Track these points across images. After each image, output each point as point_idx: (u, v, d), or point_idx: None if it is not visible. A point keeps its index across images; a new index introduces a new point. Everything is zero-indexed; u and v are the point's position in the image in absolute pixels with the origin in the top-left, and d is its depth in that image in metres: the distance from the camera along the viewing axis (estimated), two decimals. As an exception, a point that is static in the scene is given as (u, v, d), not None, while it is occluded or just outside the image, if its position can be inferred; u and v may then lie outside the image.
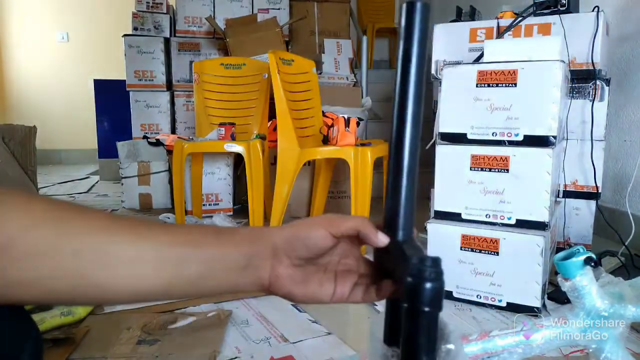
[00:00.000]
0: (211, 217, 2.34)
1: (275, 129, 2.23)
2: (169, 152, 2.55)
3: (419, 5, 0.42)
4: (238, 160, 2.65)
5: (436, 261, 0.39)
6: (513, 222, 1.37)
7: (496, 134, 1.38)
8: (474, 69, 1.39)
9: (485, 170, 1.40)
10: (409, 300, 0.37)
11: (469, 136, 1.41)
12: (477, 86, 1.39)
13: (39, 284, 0.41)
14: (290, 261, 0.48)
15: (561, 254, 0.84)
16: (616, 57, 2.10)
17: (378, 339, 0.45)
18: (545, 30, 1.74)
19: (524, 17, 1.77)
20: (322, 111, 2.36)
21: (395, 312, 0.44)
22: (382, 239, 0.46)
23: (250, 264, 0.47)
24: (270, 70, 2.03)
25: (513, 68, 1.34)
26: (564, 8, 1.71)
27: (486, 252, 1.39)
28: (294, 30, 3.32)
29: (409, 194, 0.44)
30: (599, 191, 1.78)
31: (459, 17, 2.17)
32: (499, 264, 1.37)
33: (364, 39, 3.12)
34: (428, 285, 0.37)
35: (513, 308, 1.35)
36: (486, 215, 1.40)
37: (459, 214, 1.44)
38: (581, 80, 1.75)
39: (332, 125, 2.07)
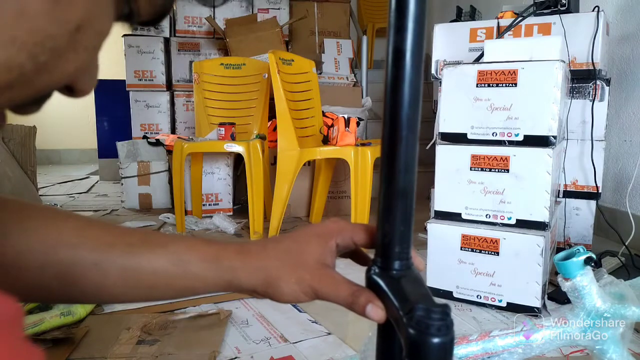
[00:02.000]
0: (211, 217, 2.34)
1: (275, 129, 2.23)
2: (169, 152, 2.55)
3: None
4: (238, 160, 2.65)
5: (445, 311, 0.32)
6: (513, 222, 1.37)
7: (496, 134, 1.37)
8: (474, 69, 1.39)
9: (485, 170, 1.40)
10: (412, 357, 0.32)
11: (469, 136, 1.41)
12: (477, 86, 1.39)
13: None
14: None
15: (561, 254, 0.83)
16: (616, 57, 2.10)
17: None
18: (545, 30, 1.74)
19: (524, 17, 1.77)
20: (322, 111, 2.36)
21: (388, 342, 0.39)
22: (373, 316, 0.39)
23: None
24: (270, 70, 2.03)
25: (513, 68, 1.34)
26: (564, 8, 1.71)
27: (486, 252, 1.39)
28: (294, 30, 3.32)
29: (406, 217, 0.37)
30: (599, 191, 1.78)
31: (459, 17, 2.17)
32: (499, 264, 1.37)
33: (364, 39, 3.12)
34: (436, 340, 0.31)
35: (513, 308, 1.35)
36: (486, 215, 1.40)
37: (459, 214, 1.44)
38: (581, 80, 1.75)
39: (332, 125, 2.07)
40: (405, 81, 0.34)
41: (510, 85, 1.34)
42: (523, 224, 1.36)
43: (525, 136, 1.34)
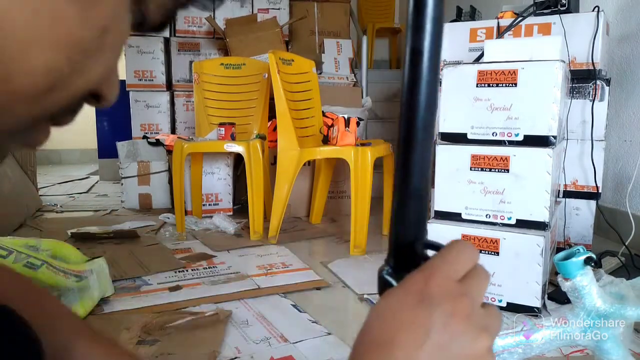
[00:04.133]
0: (211, 217, 2.34)
1: (275, 129, 2.23)
2: (169, 152, 2.55)
3: None
4: (238, 160, 2.65)
5: None
6: (513, 222, 1.37)
7: (496, 134, 1.37)
8: (474, 69, 1.39)
9: (485, 170, 1.39)
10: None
11: (469, 136, 1.41)
12: (477, 86, 1.39)
13: None
14: None
15: (561, 254, 0.83)
16: (616, 57, 2.10)
17: None
18: (545, 30, 1.74)
19: (524, 17, 1.77)
20: (322, 111, 2.36)
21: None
22: None
23: None
24: (270, 70, 2.03)
25: (513, 68, 1.34)
26: (564, 8, 1.71)
27: (486, 252, 1.39)
28: (294, 30, 3.32)
29: (419, 218, 0.37)
30: (599, 191, 1.78)
31: (459, 17, 2.17)
32: (499, 264, 1.37)
33: (364, 39, 3.12)
34: None
35: (513, 308, 1.35)
36: (486, 215, 1.40)
37: (459, 214, 1.44)
38: (581, 80, 1.75)
39: (332, 125, 2.07)
40: (422, 83, 0.34)
41: (510, 85, 1.34)
42: (523, 224, 1.36)
43: (525, 136, 1.34)
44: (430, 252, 0.38)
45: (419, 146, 0.36)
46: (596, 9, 1.69)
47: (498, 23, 1.86)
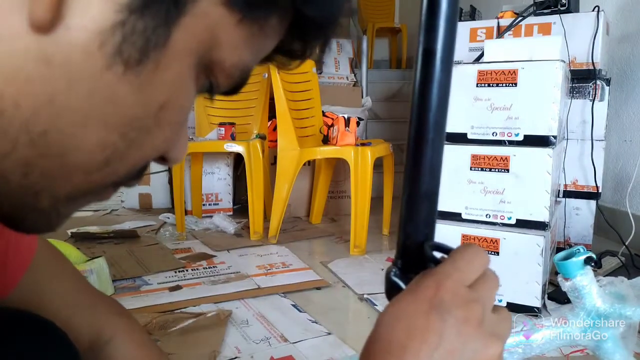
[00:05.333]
0: (211, 217, 2.34)
1: (275, 129, 2.23)
2: (169, 152, 2.55)
3: None
4: (238, 160, 2.65)
5: None
6: (513, 222, 1.37)
7: (496, 134, 1.37)
8: (474, 69, 1.39)
9: (485, 170, 1.39)
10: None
11: (469, 136, 1.41)
12: (477, 86, 1.39)
13: None
14: None
15: (561, 254, 0.84)
16: (616, 57, 2.10)
17: None
18: (545, 30, 1.74)
19: (524, 17, 1.77)
20: (322, 111, 2.36)
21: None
22: None
23: None
24: (270, 70, 2.04)
25: (513, 68, 1.34)
26: (564, 8, 1.71)
27: (486, 252, 1.38)
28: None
29: (429, 219, 0.38)
30: (599, 191, 1.78)
31: (459, 16, 2.17)
32: (499, 264, 1.37)
33: (364, 39, 3.12)
34: None
35: (513, 308, 1.35)
36: (486, 215, 1.40)
37: (459, 214, 1.44)
38: (581, 80, 1.75)
39: (332, 125, 2.07)
40: (434, 83, 0.34)
41: (510, 85, 1.34)
42: (523, 224, 1.36)
43: (525, 136, 1.34)
44: (437, 254, 0.38)
45: (430, 146, 0.35)
46: (596, 9, 1.69)
47: (498, 23, 1.86)
